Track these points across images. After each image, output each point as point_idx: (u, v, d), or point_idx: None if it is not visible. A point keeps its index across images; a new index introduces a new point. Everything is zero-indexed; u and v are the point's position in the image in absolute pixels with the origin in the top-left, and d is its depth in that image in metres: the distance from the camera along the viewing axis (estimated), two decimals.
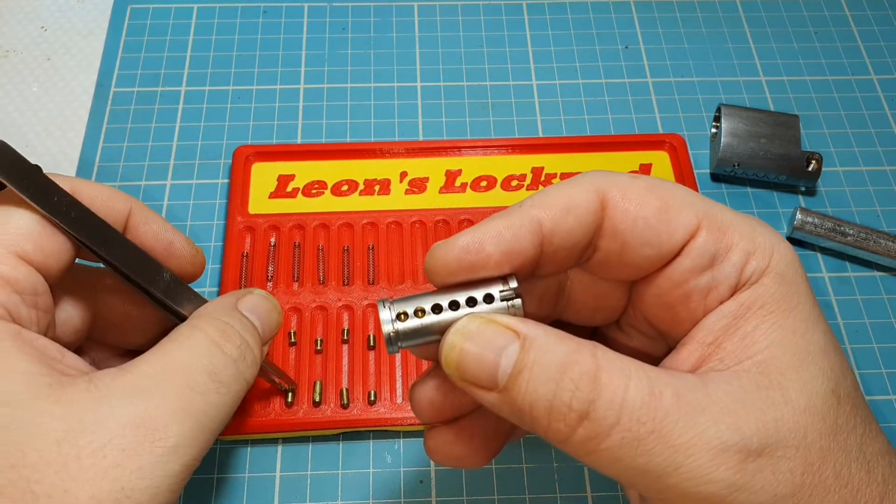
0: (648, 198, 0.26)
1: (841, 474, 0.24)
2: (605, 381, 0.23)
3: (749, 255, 0.26)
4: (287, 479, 0.39)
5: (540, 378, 0.24)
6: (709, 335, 0.26)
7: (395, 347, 0.26)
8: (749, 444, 0.23)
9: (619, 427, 0.23)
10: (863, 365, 0.44)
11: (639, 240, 0.26)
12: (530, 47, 0.56)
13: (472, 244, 0.25)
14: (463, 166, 0.48)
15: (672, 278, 0.26)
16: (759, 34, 0.57)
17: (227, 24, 0.55)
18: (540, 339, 0.24)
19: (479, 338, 0.25)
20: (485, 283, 0.26)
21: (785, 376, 0.24)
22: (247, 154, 0.47)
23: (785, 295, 0.26)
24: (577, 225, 0.26)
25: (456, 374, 0.25)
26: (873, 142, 0.52)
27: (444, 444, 0.29)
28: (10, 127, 0.51)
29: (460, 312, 0.26)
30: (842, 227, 0.46)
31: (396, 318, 0.26)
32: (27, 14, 0.56)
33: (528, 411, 0.24)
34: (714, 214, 0.27)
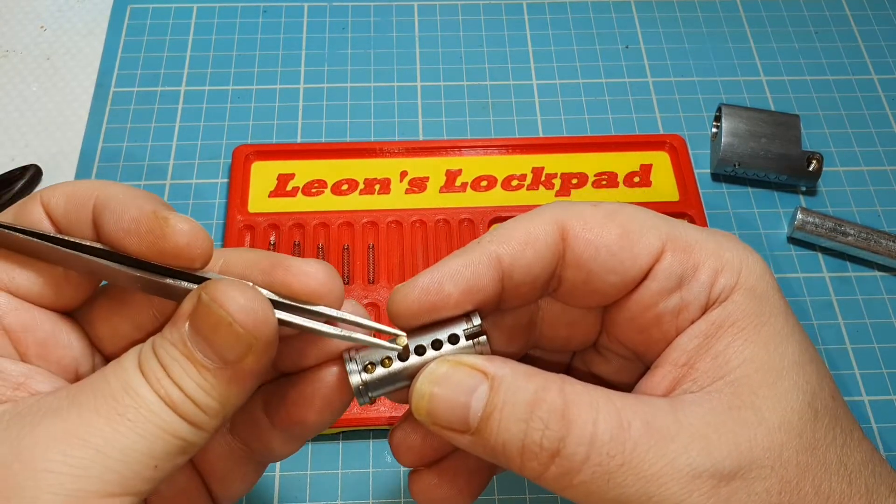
0: (609, 225, 0.26)
1: (821, 489, 0.24)
2: (574, 416, 0.23)
3: (717, 272, 0.26)
4: (287, 478, 0.39)
5: (510, 419, 0.24)
6: (682, 356, 0.26)
7: (366, 398, 0.26)
8: (721, 468, 0.23)
9: (590, 462, 0.23)
10: (863, 365, 0.44)
11: (602, 268, 0.26)
12: (530, 47, 0.56)
13: (431, 285, 0.25)
14: (463, 166, 0.48)
15: (641, 302, 0.27)
16: (760, 34, 0.57)
17: (227, 24, 0.55)
18: (507, 378, 0.24)
19: (448, 382, 0.25)
20: (449, 322, 0.26)
21: (758, 394, 0.24)
22: (246, 153, 0.47)
23: (756, 310, 0.25)
24: (536, 258, 0.26)
25: (427, 419, 0.25)
26: (874, 141, 0.52)
27: (429, 488, 0.28)
28: (10, 127, 0.51)
29: (427, 356, 0.26)
30: (842, 227, 0.46)
31: (363, 370, 0.26)
32: (27, 14, 0.56)
33: (501, 451, 0.24)
34: (678, 235, 0.26)
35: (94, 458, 0.22)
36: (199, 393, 0.24)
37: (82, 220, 0.26)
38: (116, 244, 0.25)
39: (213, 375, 0.24)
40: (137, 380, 0.24)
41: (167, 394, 0.24)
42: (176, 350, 0.24)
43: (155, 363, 0.24)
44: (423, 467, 0.29)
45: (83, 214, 0.26)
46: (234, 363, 0.24)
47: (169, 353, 0.24)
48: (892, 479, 0.26)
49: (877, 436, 0.42)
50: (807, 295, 0.46)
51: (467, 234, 0.45)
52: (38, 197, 0.27)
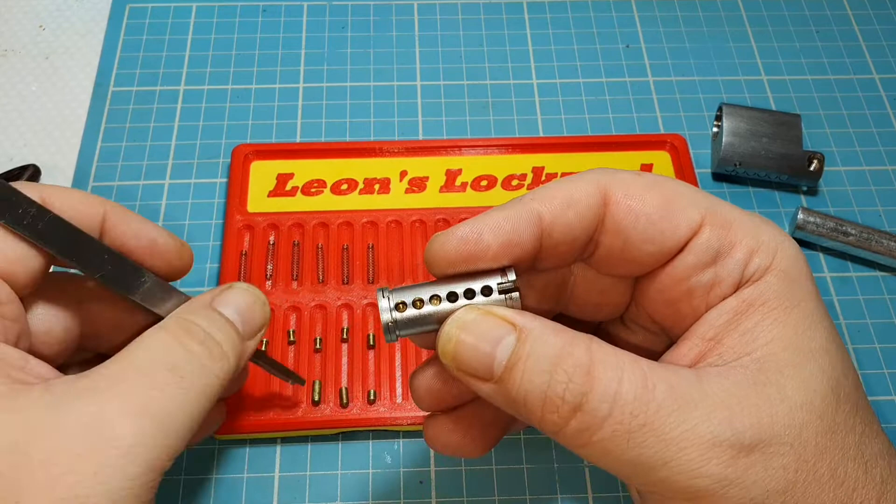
0: (651, 194, 0.26)
1: (837, 473, 0.24)
2: (599, 373, 0.23)
3: (753, 252, 0.26)
4: (286, 479, 0.39)
5: (535, 370, 0.24)
6: (709, 330, 0.26)
7: (394, 336, 0.26)
8: (741, 439, 0.23)
9: (611, 419, 0.23)
10: (865, 365, 0.44)
11: (641, 236, 0.26)
12: (531, 46, 0.55)
13: (470, 234, 0.26)
14: (463, 165, 0.48)
15: (675, 275, 0.26)
16: (761, 33, 0.57)
17: (226, 23, 0.55)
18: (536, 331, 0.24)
19: (476, 329, 0.25)
20: (483, 274, 0.26)
21: (783, 373, 0.24)
22: (246, 152, 0.47)
23: (788, 292, 0.25)
24: (576, 219, 0.26)
25: (452, 364, 0.25)
26: (875, 141, 0.52)
27: (443, 432, 0.29)
28: (8, 126, 0.51)
29: (458, 304, 0.26)
30: (844, 226, 0.46)
31: (395, 308, 0.26)
32: (26, 13, 0.56)
33: (523, 402, 0.24)
34: (718, 211, 0.26)
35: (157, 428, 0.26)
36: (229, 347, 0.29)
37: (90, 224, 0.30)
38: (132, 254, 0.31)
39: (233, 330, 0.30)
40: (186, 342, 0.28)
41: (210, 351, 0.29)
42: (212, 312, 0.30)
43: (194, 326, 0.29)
44: (440, 412, 0.29)
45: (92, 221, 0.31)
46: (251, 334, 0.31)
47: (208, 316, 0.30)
48: None
49: None
50: None
51: None
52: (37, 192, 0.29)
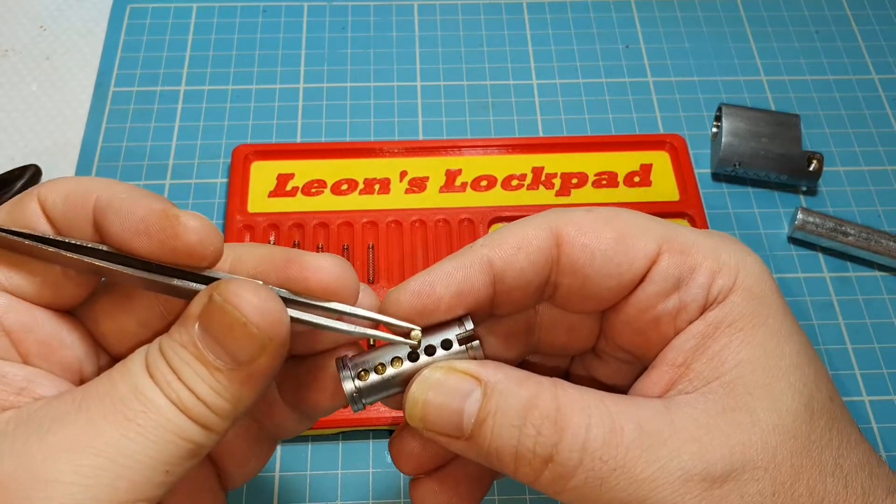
0: (603, 230, 0.26)
1: (816, 491, 0.24)
2: (566, 422, 0.24)
3: (715, 273, 0.26)
4: (286, 479, 0.39)
5: (503, 425, 0.24)
6: (678, 356, 0.26)
7: (360, 405, 0.26)
8: (713, 471, 0.23)
9: (583, 467, 0.23)
10: (863, 365, 0.44)
11: (599, 272, 0.26)
12: (530, 46, 0.55)
13: (422, 287, 0.26)
14: (463, 166, 0.48)
15: (639, 305, 0.27)
16: (760, 33, 0.57)
17: (227, 24, 0.55)
18: (500, 384, 0.25)
19: (441, 388, 0.25)
20: (442, 326, 0.26)
21: (753, 395, 0.24)
22: (246, 153, 0.47)
23: (754, 311, 0.25)
24: (527, 262, 0.26)
25: (421, 425, 0.25)
26: (874, 141, 0.52)
27: (430, 495, 0.28)
28: (9, 126, 0.51)
29: (420, 362, 0.26)
30: (843, 226, 0.46)
31: (357, 377, 0.26)
32: (26, 14, 0.56)
33: (496, 457, 0.24)
34: (674, 237, 0.26)
35: (105, 467, 0.22)
36: (210, 395, 0.23)
37: (81, 219, 0.25)
38: (123, 245, 0.25)
39: (225, 377, 0.24)
40: (146, 383, 0.23)
41: (178, 397, 0.23)
42: (186, 351, 0.24)
43: (164, 365, 0.23)
44: (424, 475, 0.29)
45: (83, 214, 0.25)
46: (247, 364, 0.24)
47: (178, 354, 0.24)
48: (890, 481, 0.26)
49: (877, 436, 0.41)
50: (807, 295, 0.46)
51: (467, 234, 0.45)
52: (34, 194, 0.26)
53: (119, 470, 0.22)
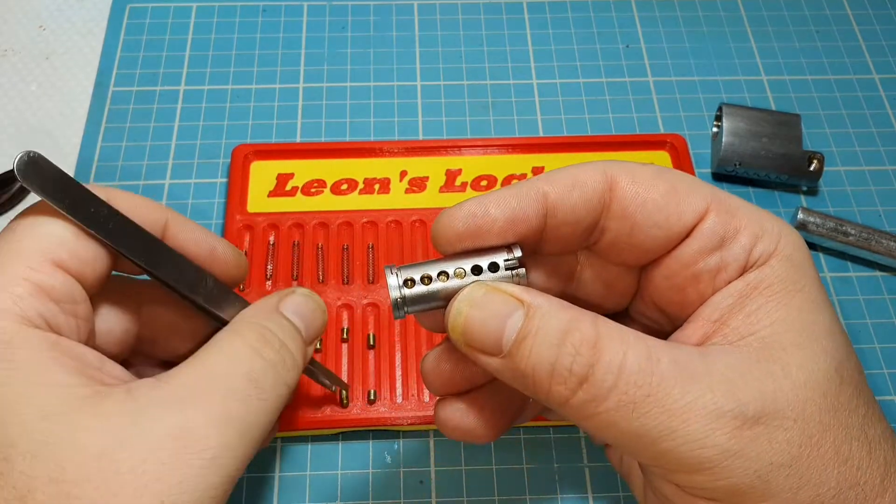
0: (657, 181, 0.27)
1: (841, 450, 0.24)
2: (605, 346, 0.24)
3: (757, 237, 0.26)
4: (286, 479, 0.39)
5: (543, 344, 0.24)
6: (714, 312, 0.26)
7: (402, 312, 0.27)
8: (745, 411, 0.23)
9: (617, 390, 0.24)
10: (865, 365, 0.43)
11: (648, 221, 0.27)
12: (531, 46, 0.55)
13: (477, 209, 0.26)
14: (463, 165, 0.48)
15: (681, 260, 0.27)
16: (761, 33, 0.57)
17: (226, 23, 0.55)
18: (543, 307, 0.25)
19: (485, 305, 0.25)
20: (490, 251, 0.27)
21: (787, 352, 0.25)
22: (246, 153, 0.47)
23: (792, 277, 0.26)
24: (581, 201, 0.27)
25: (461, 339, 0.26)
26: (875, 141, 0.52)
27: (455, 415, 0.29)
28: (8, 126, 0.51)
29: (465, 280, 0.26)
30: (843, 226, 0.46)
31: (403, 285, 0.27)
32: (26, 13, 0.56)
33: (531, 375, 0.25)
34: (722, 199, 0.27)
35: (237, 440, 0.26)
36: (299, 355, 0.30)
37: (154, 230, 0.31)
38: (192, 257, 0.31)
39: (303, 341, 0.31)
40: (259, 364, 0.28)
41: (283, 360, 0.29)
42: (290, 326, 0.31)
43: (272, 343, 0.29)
44: (451, 395, 0.29)
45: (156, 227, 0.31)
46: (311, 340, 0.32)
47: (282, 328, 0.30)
48: None
49: None
50: None
51: None
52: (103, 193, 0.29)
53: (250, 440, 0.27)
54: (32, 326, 0.26)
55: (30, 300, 0.26)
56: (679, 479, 0.25)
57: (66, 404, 0.25)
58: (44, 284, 0.27)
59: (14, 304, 0.26)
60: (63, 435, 0.24)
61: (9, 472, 0.24)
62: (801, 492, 0.24)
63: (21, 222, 0.28)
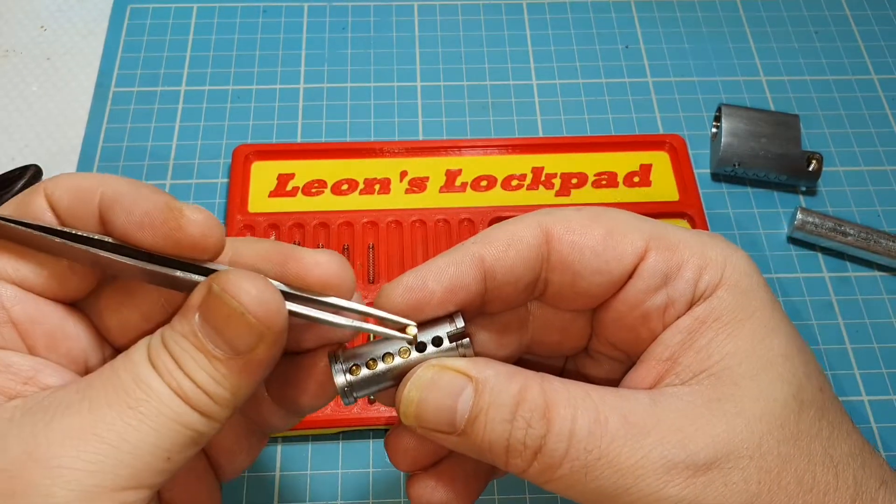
0: (592, 226, 0.27)
1: (804, 480, 0.24)
2: (554, 414, 0.24)
3: (701, 269, 0.26)
4: (287, 478, 0.39)
5: (495, 419, 0.25)
6: (665, 350, 0.26)
7: (352, 399, 0.27)
8: (696, 459, 0.24)
9: (569, 457, 0.24)
10: (863, 365, 0.44)
11: (588, 268, 0.27)
12: (530, 47, 0.56)
13: (414, 282, 0.26)
14: (463, 166, 0.48)
15: (628, 301, 0.27)
16: (760, 34, 0.57)
17: (227, 24, 0.55)
18: (491, 380, 0.25)
19: (434, 387, 0.26)
20: (434, 323, 0.27)
21: (739, 386, 0.25)
22: (246, 153, 0.47)
23: (740, 305, 0.26)
24: (518, 259, 0.27)
25: (415, 423, 0.26)
26: (874, 141, 0.52)
27: (427, 491, 0.29)
28: (9, 126, 0.51)
29: (411, 358, 0.27)
30: (842, 226, 0.46)
31: (349, 371, 0.27)
32: (27, 14, 0.56)
33: (488, 450, 0.25)
34: (661, 235, 0.27)
35: (108, 454, 0.23)
36: (210, 383, 0.24)
37: (87, 213, 0.26)
38: (128, 237, 0.25)
39: (224, 366, 0.24)
40: (148, 372, 0.24)
41: (178, 385, 0.24)
42: (187, 341, 0.24)
43: (165, 355, 0.24)
44: (421, 471, 0.29)
45: (89, 208, 0.26)
46: (245, 353, 0.24)
47: (179, 344, 0.24)
48: (883, 472, 0.26)
49: (877, 436, 0.42)
50: (807, 295, 0.46)
51: (467, 233, 0.45)
52: (41, 189, 0.26)
53: (121, 456, 0.23)
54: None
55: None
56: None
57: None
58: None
59: None
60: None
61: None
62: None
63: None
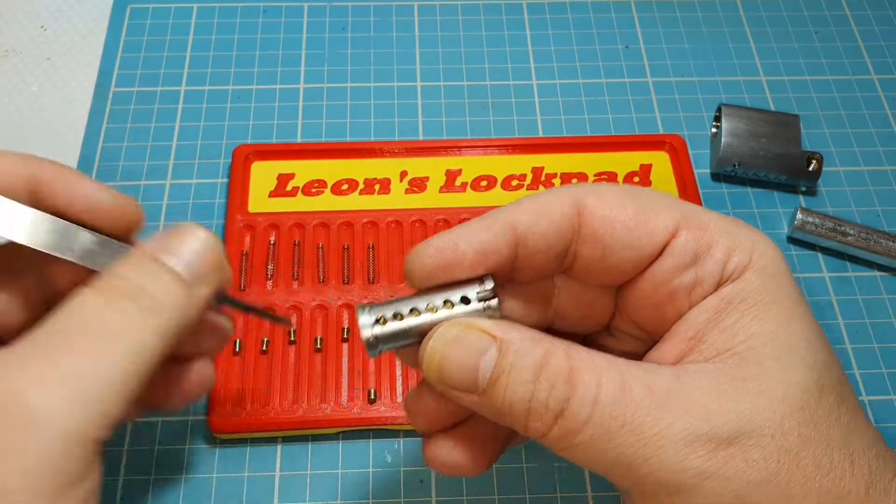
0: (625, 202, 0.27)
1: (821, 463, 0.24)
2: (579, 379, 0.24)
3: (731, 251, 0.26)
4: (287, 478, 0.39)
5: (518, 380, 0.25)
6: (690, 329, 0.26)
7: (376, 351, 0.27)
8: (719, 433, 0.24)
9: (592, 423, 0.24)
10: (863, 365, 0.44)
11: (619, 243, 0.27)
12: (530, 47, 0.56)
13: (446, 244, 0.26)
14: (463, 166, 0.48)
15: (656, 279, 0.27)
16: (760, 34, 0.57)
17: (227, 24, 0.55)
18: (516, 342, 0.25)
19: (458, 344, 0.26)
20: (462, 284, 0.27)
21: (763, 367, 0.25)
22: (246, 153, 0.47)
23: (767, 289, 0.26)
24: (550, 229, 0.27)
25: (437, 379, 0.26)
26: (874, 141, 0.52)
27: (444, 452, 0.29)
28: (9, 127, 0.51)
29: (437, 315, 0.26)
30: (842, 227, 0.46)
31: (375, 322, 0.27)
32: (27, 14, 0.56)
33: (508, 411, 0.25)
34: (693, 215, 0.27)
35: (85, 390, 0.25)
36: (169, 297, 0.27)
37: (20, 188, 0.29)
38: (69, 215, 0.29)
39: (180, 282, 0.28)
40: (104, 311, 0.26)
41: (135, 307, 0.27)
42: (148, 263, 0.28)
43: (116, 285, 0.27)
44: (439, 433, 0.29)
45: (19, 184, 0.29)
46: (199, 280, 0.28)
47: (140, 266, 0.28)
48: None
49: None
50: (807, 295, 0.46)
51: None
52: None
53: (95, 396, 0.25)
54: None
55: None
56: (658, 502, 0.25)
57: None
58: None
59: None
60: None
61: None
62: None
63: None
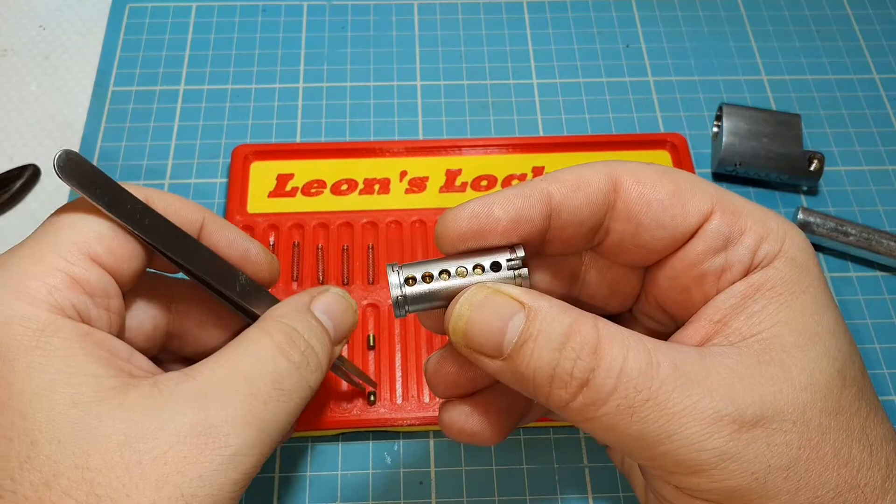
0: (662, 181, 0.27)
1: (840, 453, 0.24)
2: (605, 350, 0.24)
3: (762, 238, 0.26)
4: (287, 479, 0.39)
5: (544, 347, 0.24)
6: (716, 313, 0.26)
7: (403, 311, 0.27)
8: (743, 414, 0.24)
9: (617, 394, 0.24)
10: (866, 365, 0.43)
11: (653, 221, 0.27)
12: (531, 46, 0.55)
13: (481, 208, 0.26)
14: (463, 165, 0.48)
15: (686, 260, 0.27)
16: (761, 33, 0.56)
17: (226, 23, 0.55)
18: (544, 310, 0.25)
19: (486, 308, 0.25)
20: (493, 251, 0.27)
21: (788, 354, 0.25)
22: (245, 153, 0.47)
23: (796, 278, 0.26)
24: (585, 202, 0.27)
25: (462, 341, 0.26)
26: (875, 141, 0.52)
27: (459, 418, 0.29)
28: (8, 126, 0.51)
29: (467, 279, 0.26)
30: (844, 226, 0.46)
31: (405, 283, 0.26)
32: (25, 13, 0.56)
33: (532, 379, 0.25)
34: (727, 200, 0.27)
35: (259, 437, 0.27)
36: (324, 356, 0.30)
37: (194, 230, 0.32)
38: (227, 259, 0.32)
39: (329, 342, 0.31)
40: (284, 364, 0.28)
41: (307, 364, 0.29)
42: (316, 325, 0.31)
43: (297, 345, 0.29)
44: (456, 398, 0.29)
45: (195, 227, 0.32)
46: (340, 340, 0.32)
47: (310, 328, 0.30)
48: None
49: None
50: None
51: None
52: None
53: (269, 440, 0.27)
54: (65, 316, 0.26)
55: (64, 291, 0.27)
56: (678, 480, 0.25)
57: (94, 393, 0.25)
58: (78, 277, 0.27)
59: (48, 293, 0.26)
60: (90, 423, 0.25)
61: (35, 457, 0.24)
62: (800, 493, 0.24)
63: (60, 217, 0.29)
